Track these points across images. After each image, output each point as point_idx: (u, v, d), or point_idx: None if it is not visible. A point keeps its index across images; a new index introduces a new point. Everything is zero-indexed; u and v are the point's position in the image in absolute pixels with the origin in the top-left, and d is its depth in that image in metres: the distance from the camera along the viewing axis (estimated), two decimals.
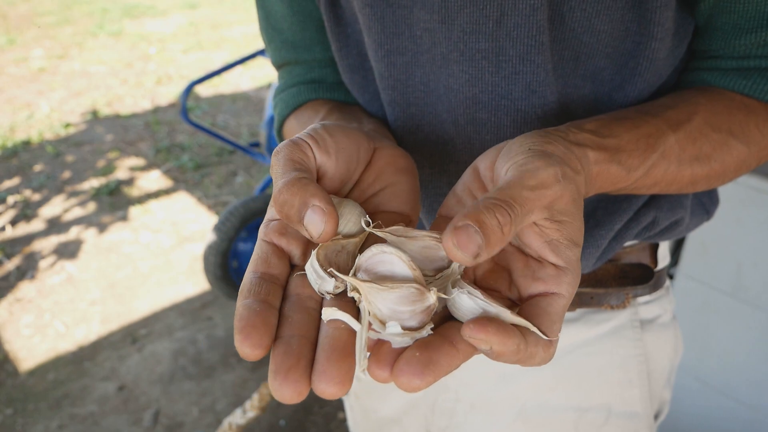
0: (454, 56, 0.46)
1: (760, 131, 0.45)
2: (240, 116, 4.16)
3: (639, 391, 0.55)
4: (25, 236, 2.74)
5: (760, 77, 0.45)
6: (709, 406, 1.33)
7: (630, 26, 0.43)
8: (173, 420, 1.83)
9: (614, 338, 0.54)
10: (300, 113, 0.55)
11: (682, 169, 0.43)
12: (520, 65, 0.44)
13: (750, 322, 1.20)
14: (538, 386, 0.56)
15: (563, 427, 0.55)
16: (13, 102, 4.31)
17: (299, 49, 0.57)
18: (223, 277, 2.04)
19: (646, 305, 0.56)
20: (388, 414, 0.68)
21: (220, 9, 7.45)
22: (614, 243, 0.52)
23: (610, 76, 0.46)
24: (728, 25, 0.44)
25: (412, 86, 0.49)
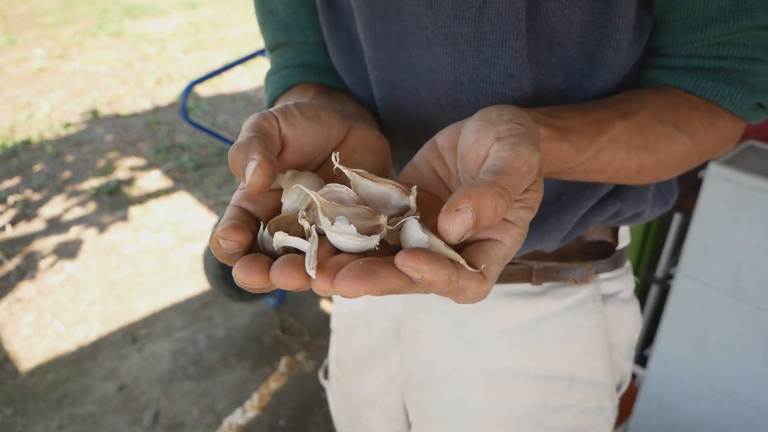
0: (439, 40, 0.48)
1: (702, 125, 0.48)
2: (240, 116, 4.16)
3: (601, 361, 0.59)
4: (25, 236, 2.74)
5: (703, 76, 0.48)
6: (709, 406, 1.33)
7: (598, 18, 0.46)
8: (173, 420, 1.83)
9: (578, 311, 0.58)
10: (289, 96, 0.57)
11: (630, 155, 0.46)
12: (499, 50, 0.47)
13: (750, 322, 1.20)
14: (506, 355, 0.59)
15: (529, 392, 0.59)
16: (13, 102, 4.31)
17: (293, 31, 0.58)
18: (223, 277, 2.04)
19: (608, 281, 0.59)
20: (367, 394, 0.71)
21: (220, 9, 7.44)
22: (578, 228, 0.55)
23: (579, 65, 0.49)
24: (678, 23, 0.47)
25: (398, 67, 0.52)
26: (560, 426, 0.59)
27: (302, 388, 1.94)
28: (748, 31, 0.46)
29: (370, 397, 0.72)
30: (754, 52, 0.47)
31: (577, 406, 0.59)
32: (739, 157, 1.21)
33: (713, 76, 0.48)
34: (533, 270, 0.57)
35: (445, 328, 0.61)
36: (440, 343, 0.62)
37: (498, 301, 0.58)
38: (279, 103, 0.57)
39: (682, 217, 1.48)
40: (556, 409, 0.59)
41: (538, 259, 0.57)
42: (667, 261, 1.56)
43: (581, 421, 0.59)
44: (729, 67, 0.47)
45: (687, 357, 1.33)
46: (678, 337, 1.33)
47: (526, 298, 0.58)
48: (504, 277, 0.58)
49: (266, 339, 2.16)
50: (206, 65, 5.19)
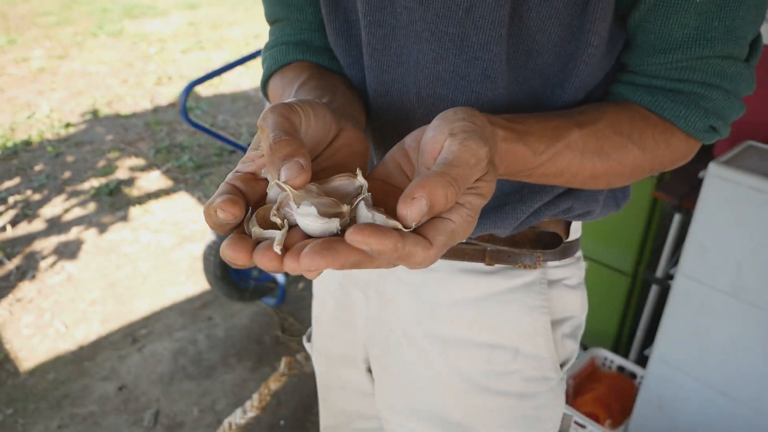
0: (426, 35, 0.52)
1: (655, 141, 0.52)
2: (240, 116, 4.16)
3: (543, 338, 0.64)
4: (25, 236, 2.74)
5: (663, 97, 0.52)
6: (709, 406, 1.33)
7: (575, 32, 0.50)
8: (173, 420, 1.83)
9: (524, 291, 0.63)
10: (285, 73, 0.61)
11: (585, 161, 0.49)
12: (480, 52, 0.50)
13: (750, 322, 1.20)
14: (457, 323, 0.64)
15: (478, 358, 0.64)
16: (13, 102, 4.31)
17: (292, 8, 0.62)
18: (223, 277, 2.04)
19: (555, 268, 0.64)
20: (340, 352, 0.79)
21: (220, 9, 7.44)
22: (532, 218, 0.60)
23: (554, 72, 0.53)
24: (646, 44, 0.51)
25: (388, 56, 0.56)
26: (505, 390, 0.64)
27: (302, 388, 1.94)
28: (708, 59, 0.49)
29: (344, 353, 0.78)
30: (711, 78, 0.50)
31: (520, 374, 0.64)
32: (739, 157, 1.21)
33: (672, 97, 0.51)
34: (487, 251, 0.62)
35: (405, 294, 0.67)
36: (399, 307, 0.68)
37: (453, 275, 0.64)
38: (276, 77, 0.62)
39: (682, 217, 1.48)
40: (501, 374, 0.64)
41: (492, 242, 0.62)
42: (667, 261, 1.56)
43: (525, 387, 0.64)
44: (687, 90, 0.51)
45: (687, 357, 1.33)
46: (678, 337, 1.33)
47: (478, 275, 0.63)
48: (460, 254, 0.63)
49: (266, 339, 2.16)
50: (206, 65, 5.20)
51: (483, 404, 0.65)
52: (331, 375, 0.82)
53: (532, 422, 0.66)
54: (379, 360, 0.72)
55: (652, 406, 1.45)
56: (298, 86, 0.55)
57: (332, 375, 0.82)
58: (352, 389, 0.81)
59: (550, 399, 0.66)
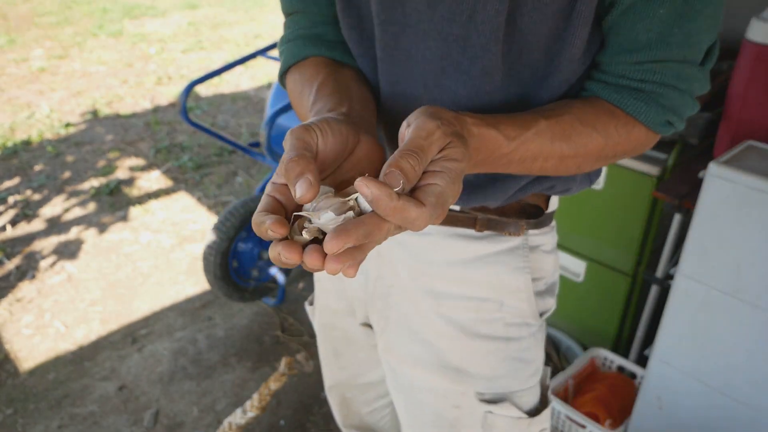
0: (433, 35, 0.59)
1: (617, 131, 0.60)
2: (240, 116, 4.16)
3: (525, 294, 0.73)
4: (25, 236, 2.74)
5: (627, 94, 0.59)
6: (709, 406, 1.32)
7: (560, 33, 0.57)
8: (173, 420, 1.83)
9: (509, 254, 0.72)
10: (302, 70, 0.67)
11: (554, 145, 0.56)
12: (480, 51, 0.58)
13: (750, 322, 1.20)
14: (449, 280, 0.73)
15: (466, 308, 0.73)
16: (13, 102, 4.31)
17: (307, 1, 0.67)
18: (223, 277, 2.04)
19: (535, 236, 0.74)
20: (341, 307, 0.88)
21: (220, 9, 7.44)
22: (519, 193, 0.69)
23: (542, 67, 0.60)
24: (615, 45, 0.58)
25: (398, 51, 0.62)
26: (492, 334, 0.74)
27: (302, 388, 1.94)
28: (666, 63, 0.57)
29: (344, 307, 0.87)
30: (669, 79, 0.58)
31: (504, 320, 0.74)
32: (739, 157, 1.21)
33: (635, 95, 0.59)
34: (477, 219, 0.70)
35: (403, 254, 0.75)
36: (397, 266, 0.76)
37: (446, 239, 0.72)
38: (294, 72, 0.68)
39: (682, 217, 1.48)
40: (487, 320, 0.73)
41: (482, 212, 0.71)
42: (667, 261, 1.56)
43: (509, 331, 0.74)
44: (648, 90, 0.58)
45: (687, 357, 1.33)
46: (678, 337, 1.33)
47: (469, 240, 0.71)
48: (453, 221, 0.71)
49: (266, 339, 2.16)
50: (206, 65, 5.19)
51: (474, 348, 0.74)
52: (336, 327, 0.92)
53: (519, 364, 0.75)
54: (382, 313, 0.80)
55: (652, 406, 1.45)
56: (317, 89, 0.61)
57: (337, 327, 0.92)
58: (355, 339, 0.90)
59: (532, 343, 0.76)
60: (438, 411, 0.77)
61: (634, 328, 1.78)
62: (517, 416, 0.74)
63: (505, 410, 0.74)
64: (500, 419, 0.74)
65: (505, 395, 0.75)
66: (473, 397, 0.74)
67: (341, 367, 0.95)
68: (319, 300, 0.93)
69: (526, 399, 0.76)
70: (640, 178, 1.57)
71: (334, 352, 0.95)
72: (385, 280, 0.78)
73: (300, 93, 0.64)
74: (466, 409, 0.75)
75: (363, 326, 0.87)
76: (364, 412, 1.01)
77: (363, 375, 0.94)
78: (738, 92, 1.40)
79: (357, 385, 0.96)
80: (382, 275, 0.78)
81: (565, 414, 1.56)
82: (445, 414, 0.76)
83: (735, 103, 1.42)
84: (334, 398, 1.02)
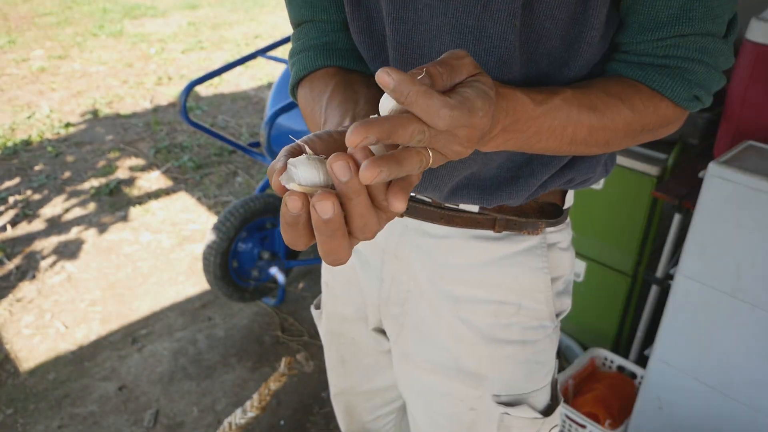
0: (447, 29, 0.57)
1: (643, 103, 0.58)
2: (240, 116, 4.16)
3: (544, 294, 0.73)
4: (25, 236, 2.74)
5: (652, 71, 0.59)
6: (709, 406, 1.33)
7: (578, 16, 0.56)
8: (173, 420, 1.83)
9: (528, 254, 0.71)
10: (313, 83, 0.66)
11: (581, 115, 0.55)
12: (497, 41, 0.56)
13: (749, 322, 1.20)
14: (468, 284, 0.72)
15: (485, 312, 0.72)
16: (13, 102, 4.31)
17: (317, 8, 0.67)
18: (223, 277, 2.04)
19: (552, 234, 0.73)
20: (350, 313, 0.87)
21: (220, 9, 7.44)
22: (540, 189, 0.68)
23: (561, 54, 0.59)
24: (636, 24, 0.58)
25: (411, 49, 0.61)
26: (509, 338, 0.73)
27: (302, 388, 1.94)
28: (689, 37, 0.56)
29: (354, 313, 0.86)
30: (693, 54, 0.57)
31: (521, 324, 0.73)
32: (739, 157, 1.21)
33: (660, 71, 0.58)
34: (497, 220, 0.70)
35: (420, 257, 0.74)
36: (415, 269, 0.75)
37: (466, 241, 0.71)
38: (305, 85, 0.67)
39: (682, 217, 1.48)
40: (505, 325, 0.73)
41: (501, 213, 0.70)
42: (667, 261, 1.56)
43: (525, 335, 0.73)
44: (673, 65, 0.58)
45: (687, 357, 1.33)
46: (678, 337, 1.33)
47: (488, 241, 0.71)
48: (473, 223, 0.70)
49: (266, 339, 2.16)
50: (206, 65, 5.20)
51: (491, 353, 0.73)
52: (344, 335, 0.90)
53: (534, 366, 0.75)
54: (397, 319, 0.79)
55: (652, 406, 1.45)
56: (326, 103, 0.60)
57: (345, 334, 0.90)
58: (363, 346, 0.89)
59: (547, 344, 0.76)
60: (454, 414, 0.77)
61: (634, 328, 1.78)
62: (533, 417, 0.74)
63: (521, 412, 0.74)
64: (516, 420, 0.74)
65: (521, 397, 0.75)
66: (490, 400, 0.74)
67: (347, 374, 0.94)
68: (326, 306, 0.92)
69: (540, 398, 0.77)
70: (640, 178, 1.57)
71: (340, 359, 0.94)
72: (403, 285, 0.77)
73: (312, 110, 0.63)
74: (482, 411, 0.75)
75: (374, 332, 0.86)
76: (367, 419, 1.00)
77: (369, 381, 0.94)
78: (738, 92, 1.41)
79: (362, 392, 0.96)
80: (399, 279, 0.77)
81: (565, 414, 1.56)
82: (461, 417, 0.76)
83: (735, 103, 1.42)
84: (339, 405, 1.01)
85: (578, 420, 1.54)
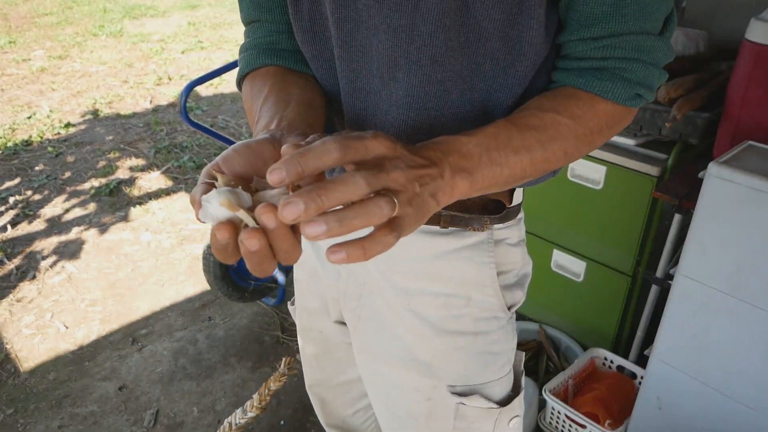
0: (383, 27, 0.60)
1: (580, 108, 0.60)
2: (240, 116, 4.16)
3: (492, 288, 0.74)
4: (25, 236, 2.74)
5: (591, 76, 0.60)
6: (709, 406, 1.33)
7: (516, 17, 0.58)
8: (173, 420, 1.83)
9: (474, 249, 0.73)
10: (254, 80, 0.69)
11: (524, 134, 0.56)
12: (428, 39, 0.59)
13: (750, 322, 1.20)
14: (418, 277, 0.74)
15: (436, 304, 0.74)
16: (13, 102, 4.31)
17: (263, 10, 0.70)
18: (223, 277, 2.04)
19: (499, 230, 0.74)
20: (316, 306, 0.90)
21: (220, 9, 7.44)
22: None
23: (503, 55, 0.60)
24: (573, 22, 0.59)
25: (354, 47, 0.64)
26: (461, 329, 0.75)
27: (302, 388, 1.94)
28: (625, 36, 0.58)
29: (319, 308, 0.89)
30: (630, 53, 0.59)
31: (472, 315, 0.74)
32: (739, 157, 1.21)
33: (598, 75, 0.60)
34: (441, 215, 0.71)
35: None
36: (368, 263, 0.76)
37: (415, 236, 0.72)
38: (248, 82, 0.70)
39: (682, 217, 1.48)
40: (455, 316, 0.74)
41: (446, 209, 0.71)
42: (667, 261, 1.56)
43: (477, 326, 0.75)
44: (612, 66, 0.59)
45: (687, 357, 1.33)
46: (678, 337, 1.33)
47: (435, 236, 0.72)
48: None
49: (266, 339, 2.16)
50: (206, 65, 5.20)
51: (444, 344, 0.75)
52: (313, 328, 0.94)
53: (488, 357, 0.76)
54: (354, 311, 0.81)
55: (652, 406, 1.45)
56: (261, 104, 0.63)
57: (314, 328, 0.93)
58: (332, 339, 0.92)
59: (501, 335, 0.77)
60: (412, 404, 0.79)
61: (634, 328, 1.78)
62: (488, 407, 0.76)
63: (475, 402, 0.76)
64: (471, 410, 0.76)
65: (476, 387, 0.77)
66: (445, 390, 0.76)
67: (320, 367, 0.97)
68: (297, 300, 0.95)
69: (498, 389, 0.78)
70: (640, 178, 1.57)
71: (313, 353, 0.97)
72: (358, 278, 0.79)
73: (250, 107, 0.66)
74: (438, 401, 0.77)
75: (337, 324, 0.89)
76: (346, 413, 1.02)
77: (342, 374, 0.96)
78: (738, 92, 1.40)
79: (336, 384, 0.98)
80: (354, 273, 0.79)
81: (565, 414, 1.56)
82: (418, 407, 0.79)
83: (735, 103, 1.42)
84: (313, 397, 1.04)
85: (578, 420, 1.54)
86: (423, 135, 0.63)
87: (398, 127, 0.65)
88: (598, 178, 1.66)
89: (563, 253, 1.83)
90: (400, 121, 0.64)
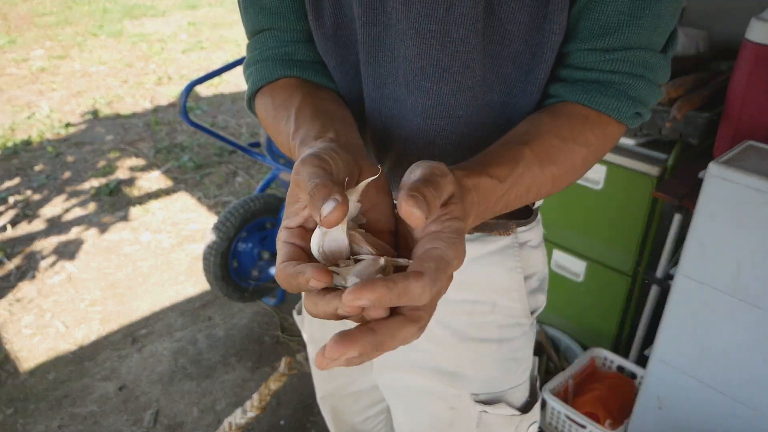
0: (411, 33, 0.57)
1: (594, 135, 0.59)
2: (240, 116, 4.16)
3: (518, 293, 0.73)
4: (25, 236, 2.74)
5: (596, 92, 0.58)
6: (709, 406, 1.33)
7: (540, 22, 0.57)
8: (173, 420, 1.83)
9: (501, 255, 0.71)
10: (274, 92, 0.63)
11: (545, 172, 0.55)
12: (461, 45, 0.57)
13: (749, 321, 1.20)
14: None
15: (461, 312, 0.73)
16: (13, 102, 4.31)
17: (276, 16, 0.64)
18: (223, 277, 2.04)
19: (523, 233, 0.73)
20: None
21: (220, 9, 7.45)
22: None
23: (526, 59, 0.59)
24: (585, 29, 0.57)
25: (382, 52, 0.61)
26: (486, 337, 0.74)
27: (302, 388, 1.94)
28: (634, 50, 0.56)
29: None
30: (636, 69, 0.57)
31: (497, 322, 0.73)
32: (739, 157, 1.21)
33: (603, 90, 0.58)
34: None
35: None
36: None
37: None
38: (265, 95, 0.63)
39: (682, 217, 1.48)
40: (480, 324, 0.73)
41: None
42: (667, 261, 1.56)
43: (502, 333, 0.74)
44: (617, 81, 0.58)
45: (687, 357, 1.33)
46: (678, 337, 1.33)
47: None
48: None
49: (266, 339, 2.16)
50: (206, 65, 5.20)
51: (468, 352, 0.74)
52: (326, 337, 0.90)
53: (511, 364, 0.76)
54: None
55: (652, 406, 1.45)
56: (295, 114, 0.57)
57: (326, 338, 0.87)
58: None
59: (524, 342, 0.76)
60: (434, 413, 0.78)
61: (634, 328, 1.78)
62: (511, 414, 0.75)
63: (499, 410, 0.75)
64: (494, 418, 0.75)
65: (499, 395, 0.76)
66: (468, 399, 0.75)
67: (332, 377, 0.96)
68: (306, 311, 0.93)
69: (518, 395, 0.78)
70: (640, 178, 1.57)
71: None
72: None
73: (274, 118, 0.61)
74: (461, 410, 0.76)
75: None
76: (357, 420, 1.01)
77: (353, 383, 0.95)
78: (738, 92, 1.40)
79: (348, 394, 0.96)
80: None
81: (565, 414, 1.56)
82: (441, 416, 0.77)
83: (735, 103, 1.42)
84: (325, 408, 1.02)
85: (578, 420, 1.54)
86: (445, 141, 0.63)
87: (423, 137, 0.63)
88: (598, 178, 1.66)
89: (563, 253, 1.83)
90: (424, 131, 0.62)
